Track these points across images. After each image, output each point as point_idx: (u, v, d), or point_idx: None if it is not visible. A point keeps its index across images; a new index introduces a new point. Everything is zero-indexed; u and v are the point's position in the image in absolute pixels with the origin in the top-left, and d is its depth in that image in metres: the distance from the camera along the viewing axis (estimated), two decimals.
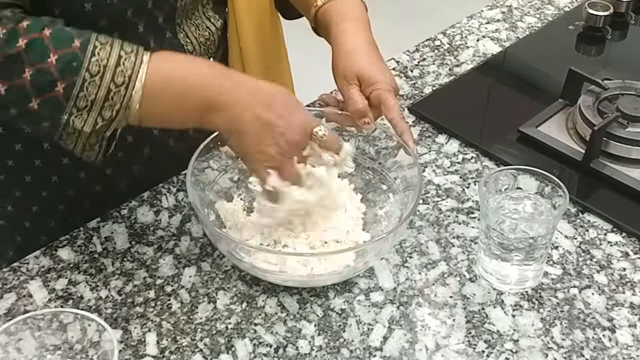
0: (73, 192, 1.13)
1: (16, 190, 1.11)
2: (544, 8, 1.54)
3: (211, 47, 1.16)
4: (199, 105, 0.92)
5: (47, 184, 1.11)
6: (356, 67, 1.07)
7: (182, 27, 1.10)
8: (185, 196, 1.11)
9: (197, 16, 1.13)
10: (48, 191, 1.12)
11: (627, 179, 1.14)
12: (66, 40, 0.87)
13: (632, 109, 1.20)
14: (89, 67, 0.87)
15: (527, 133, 1.21)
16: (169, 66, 0.92)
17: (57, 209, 1.13)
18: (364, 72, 1.06)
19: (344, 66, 1.07)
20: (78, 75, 0.87)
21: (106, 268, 1.02)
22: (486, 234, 0.98)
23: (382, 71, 1.07)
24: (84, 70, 0.87)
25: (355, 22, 1.10)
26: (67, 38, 0.88)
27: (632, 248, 1.06)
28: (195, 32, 1.12)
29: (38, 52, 0.86)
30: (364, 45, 1.08)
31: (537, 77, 1.39)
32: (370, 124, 1.06)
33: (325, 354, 0.93)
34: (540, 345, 0.94)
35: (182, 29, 1.10)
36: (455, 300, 0.99)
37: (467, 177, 1.16)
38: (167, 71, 0.92)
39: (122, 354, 0.92)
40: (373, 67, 1.07)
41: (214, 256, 1.03)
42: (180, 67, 0.94)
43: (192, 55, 0.98)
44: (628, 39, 1.48)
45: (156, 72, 0.90)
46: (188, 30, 1.11)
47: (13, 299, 0.98)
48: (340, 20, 1.10)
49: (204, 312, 0.97)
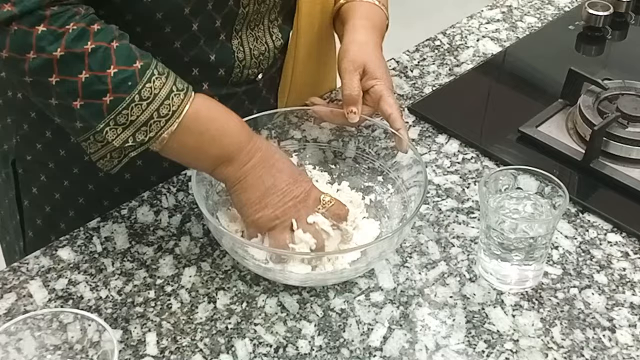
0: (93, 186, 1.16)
1: None
2: (544, 8, 1.54)
3: (264, 63, 1.15)
4: (217, 154, 0.96)
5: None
6: (366, 58, 1.09)
7: (240, 34, 1.10)
8: (185, 196, 1.11)
9: (260, 29, 1.13)
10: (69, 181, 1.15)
11: (627, 179, 1.14)
12: (130, 58, 0.91)
13: (632, 109, 1.20)
14: (142, 90, 0.91)
15: (527, 133, 1.21)
16: (207, 113, 0.95)
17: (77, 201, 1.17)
18: (372, 64, 1.09)
19: (354, 53, 1.10)
20: (129, 94, 0.90)
21: (106, 268, 1.02)
22: (486, 233, 0.98)
23: (387, 72, 1.11)
24: (136, 92, 0.90)
25: (373, 26, 1.14)
26: (131, 57, 0.91)
27: (632, 248, 1.06)
28: (253, 43, 1.12)
29: (101, 60, 0.89)
30: (376, 44, 1.12)
31: (537, 77, 1.39)
32: (357, 115, 1.07)
33: (325, 354, 0.93)
34: (540, 345, 0.94)
35: (239, 36, 1.10)
36: (455, 300, 0.99)
37: (467, 177, 1.16)
38: (205, 118, 0.95)
39: (122, 354, 0.92)
40: (381, 65, 1.10)
41: (214, 256, 1.03)
42: (216, 117, 0.97)
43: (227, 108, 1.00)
44: (628, 39, 1.48)
45: (196, 114, 0.94)
46: (245, 39, 1.11)
47: (13, 299, 0.98)
48: (360, 19, 1.14)
49: (204, 312, 0.97)
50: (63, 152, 1.13)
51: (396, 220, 1.05)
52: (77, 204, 1.17)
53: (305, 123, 1.14)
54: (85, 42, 0.88)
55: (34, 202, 1.19)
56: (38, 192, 1.17)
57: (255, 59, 1.14)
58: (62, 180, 1.15)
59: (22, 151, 1.16)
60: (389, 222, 1.06)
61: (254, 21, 1.11)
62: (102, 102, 0.89)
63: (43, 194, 1.17)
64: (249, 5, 1.08)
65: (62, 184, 1.15)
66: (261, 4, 1.09)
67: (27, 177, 1.17)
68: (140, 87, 0.90)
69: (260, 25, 1.13)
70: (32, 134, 1.14)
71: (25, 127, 1.14)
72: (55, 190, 1.16)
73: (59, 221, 1.18)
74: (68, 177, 1.15)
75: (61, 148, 1.13)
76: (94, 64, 0.89)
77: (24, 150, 1.16)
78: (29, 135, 1.14)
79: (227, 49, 1.10)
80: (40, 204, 1.18)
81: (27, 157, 1.16)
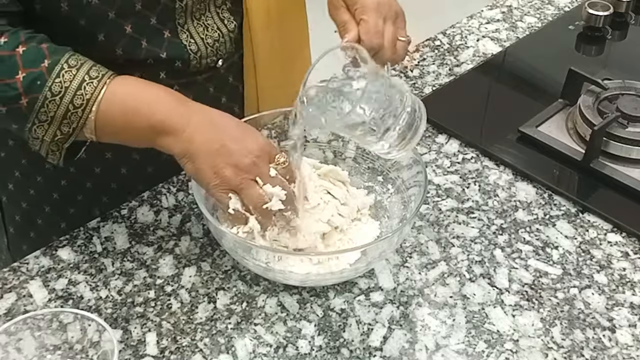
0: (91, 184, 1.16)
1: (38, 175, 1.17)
2: (544, 8, 1.54)
3: (221, 49, 1.12)
4: (147, 127, 0.95)
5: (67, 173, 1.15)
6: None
7: (186, 27, 1.08)
8: (185, 196, 1.11)
9: (207, 16, 1.11)
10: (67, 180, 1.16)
11: (627, 179, 1.14)
12: (36, 60, 0.93)
13: (632, 109, 1.20)
14: (52, 87, 0.93)
15: (527, 133, 1.21)
16: (124, 90, 0.96)
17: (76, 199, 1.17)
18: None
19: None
20: (41, 93, 0.93)
21: (106, 268, 1.02)
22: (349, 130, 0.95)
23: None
24: (47, 90, 0.93)
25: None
26: (38, 57, 0.93)
27: (632, 248, 1.06)
28: (203, 32, 1.10)
29: (7, 69, 0.93)
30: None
31: (537, 77, 1.39)
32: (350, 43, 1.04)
33: (325, 354, 0.93)
34: (540, 345, 0.94)
35: (186, 29, 1.08)
36: (455, 300, 0.99)
37: (467, 177, 1.16)
38: (122, 95, 0.95)
39: (122, 354, 0.92)
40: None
41: (214, 256, 1.03)
42: (136, 92, 0.97)
43: (150, 82, 0.99)
44: (628, 39, 1.48)
45: (112, 95, 0.94)
46: (194, 31, 1.09)
47: (13, 299, 0.98)
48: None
49: (204, 312, 0.97)
50: (40, 179, 1.15)
51: (396, 220, 1.05)
52: (51, 199, 1.17)
53: None
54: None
55: (11, 199, 1.21)
56: (14, 188, 1.19)
57: (211, 47, 1.11)
58: (35, 177, 1.16)
59: None
60: (389, 222, 1.06)
61: (198, 11, 1.09)
62: (19, 105, 0.93)
63: (19, 190, 1.19)
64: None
65: (35, 180, 1.17)
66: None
67: (2, 175, 1.19)
68: (50, 84, 0.93)
69: (207, 13, 1.10)
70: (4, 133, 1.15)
71: (2, 154, 1.16)
72: (30, 186, 1.18)
73: (36, 217, 1.19)
74: (41, 173, 1.16)
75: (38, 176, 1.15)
76: (2, 74, 0.93)
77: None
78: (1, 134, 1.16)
79: (176, 44, 1.08)
80: (17, 200, 1.20)
81: (1, 154, 1.18)
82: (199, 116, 0.95)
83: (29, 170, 1.16)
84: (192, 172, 0.95)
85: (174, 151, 0.94)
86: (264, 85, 1.20)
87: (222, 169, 0.93)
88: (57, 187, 1.16)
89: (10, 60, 0.93)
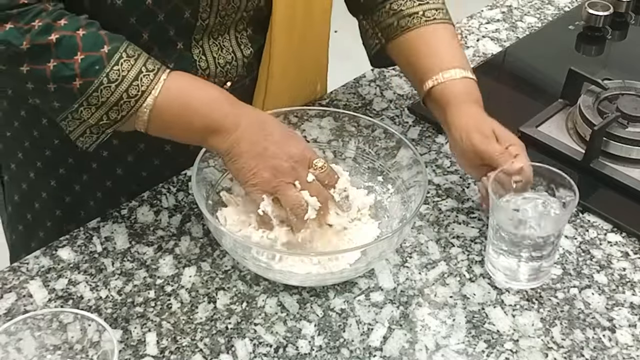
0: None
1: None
2: (544, 8, 1.54)
3: (231, 72, 1.12)
4: (203, 126, 0.98)
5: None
6: (492, 124, 1.05)
7: (201, 43, 1.09)
8: (185, 196, 1.11)
9: (225, 38, 1.11)
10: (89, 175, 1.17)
11: (627, 179, 1.14)
12: (96, 45, 0.94)
13: (632, 109, 1.20)
14: (109, 73, 0.94)
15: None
16: (180, 85, 0.98)
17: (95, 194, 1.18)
18: (501, 129, 1.05)
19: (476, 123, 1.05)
20: (97, 77, 0.94)
21: (106, 268, 1.02)
22: (495, 230, 0.97)
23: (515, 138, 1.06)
24: (104, 75, 0.94)
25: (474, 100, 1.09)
26: (98, 42, 0.95)
27: (632, 248, 1.06)
28: (217, 52, 1.10)
29: (66, 48, 0.93)
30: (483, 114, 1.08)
31: (537, 77, 1.39)
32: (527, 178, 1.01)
33: (325, 354, 0.93)
34: (540, 345, 0.94)
35: (200, 45, 1.09)
36: (455, 300, 0.99)
37: (467, 177, 1.16)
38: (177, 91, 0.97)
39: (122, 354, 0.92)
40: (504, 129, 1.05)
41: (214, 256, 1.03)
42: (192, 89, 0.99)
43: (204, 80, 1.01)
44: (628, 39, 1.48)
45: (167, 90, 0.96)
46: (207, 49, 1.09)
47: (13, 299, 0.98)
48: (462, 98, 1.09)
49: (204, 312, 0.97)
50: (48, 152, 1.15)
51: (396, 220, 1.05)
52: (49, 187, 1.18)
53: (305, 123, 1.14)
54: (49, 34, 0.93)
55: (12, 178, 1.22)
56: (16, 168, 1.20)
57: (222, 68, 1.11)
58: (35, 162, 1.17)
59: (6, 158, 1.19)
60: (389, 222, 1.06)
61: (217, 31, 1.09)
62: (72, 86, 0.94)
63: (21, 170, 1.20)
64: (209, 19, 1.06)
65: (35, 165, 1.17)
66: (224, 17, 1.08)
67: (11, 184, 1.20)
68: (108, 70, 0.94)
69: (226, 35, 1.11)
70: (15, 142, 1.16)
71: (8, 134, 1.17)
72: (31, 169, 1.18)
73: (33, 200, 1.20)
74: (54, 177, 1.17)
75: (47, 149, 1.15)
76: (61, 53, 0.93)
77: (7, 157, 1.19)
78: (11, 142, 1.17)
79: (186, 58, 1.08)
80: (18, 180, 1.20)
81: (10, 164, 1.19)
82: (249, 119, 0.99)
83: (31, 153, 1.17)
84: (233, 172, 0.99)
85: (221, 149, 0.98)
86: (270, 108, 1.20)
87: (261, 171, 0.96)
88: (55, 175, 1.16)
89: (70, 40, 0.93)
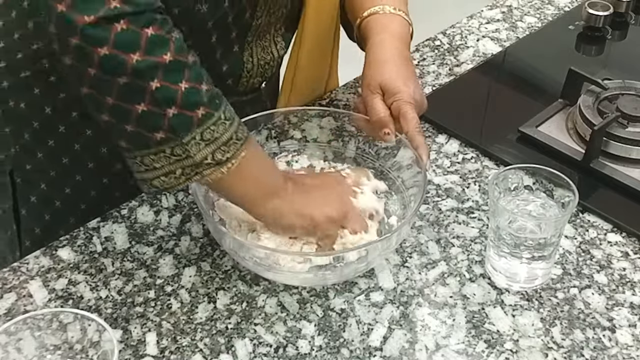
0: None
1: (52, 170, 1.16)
2: (544, 8, 1.54)
3: (267, 71, 1.16)
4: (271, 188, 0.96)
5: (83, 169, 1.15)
6: (381, 77, 1.06)
7: (251, 45, 1.11)
8: (185, 196, 1.11)
9: (266, 38, 1.14)
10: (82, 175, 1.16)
11: (627, 179, 1.14)
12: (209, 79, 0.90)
13: (632, 109, 1.20)
14: (225, 110, 0.90)
15: (527, 133, 1.21)
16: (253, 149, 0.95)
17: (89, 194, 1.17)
18: (388, 82, 1.05)
19: (371, 75, 1.06)
20: (218, 111, 0.89)
21: (106, 268, 1.02)
22: (495, 232, 0.97)
23: (407, 83, 1.05)
24: (222, 110, 0.89)
25: (393, 35, 1.10)
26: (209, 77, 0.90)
27: (632, 248, 1.06)
28: (260, 53, 1.13)
29: (198, 73, 0.88)
30: (395, 57, 1.07)
31: (537, 77, 1.39)
32: (391, 135, 1.04)
33: (325, 354, 0.93)
34: (540, 345, 0.94)
35: (250, 47, 1.11)
36: (455, 300, 0.99)
37: (467, 177, 1.16)
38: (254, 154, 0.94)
39: (122, 354, 0.92)
40: (398, 79, 1.05)
41: (214, 256, 1.03)
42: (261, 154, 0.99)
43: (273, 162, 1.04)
44: (628, 39, 1.48)
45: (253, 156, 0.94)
46: (254, 50, 1.12)
47: (13, 299, 0.98)
48: (380, 32, 1.10)
49: (204, 312, 0.97)
50: (65, 160, 1.14)
51: (396, 220, 1.05)
52: (78, 210, 1.17)
53: (305, 123, 1.14)
54: (188, 52, 0.87)
55: (31, 211, 1.18)
56: (37, 200, 1.17)
57: (261, 68, 1.15)
58: (63, 188, 1.16)
59: (22, 161, 1.16)
60: (389, 222, 1.06)
61: (263, 32, 1.12)
62: (194, 114, 0.87)
63: (42, 202, 1.17)
64: (261, 17, 1.09)
65: (63, 191, 1.16)
66: (272, 15, 1.10)
67: (25, 187, 1.17)
68: (225, 106, 0.90)
69: (267, 35, 1.14)
70: (33, 144, 1.14)
71: (26, 136, 1.14)
72: (56, 197, 1.16)
73: (58, 229, 1.18)
74: (69, 184, 1.16)
75: (64, 156, 1.14)
76: (194, 76, 0.87)
77: (23, 160, 1.16)
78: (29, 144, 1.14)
79: (238, 60, 1.11)
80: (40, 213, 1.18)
81: (26, 166, 1.16)
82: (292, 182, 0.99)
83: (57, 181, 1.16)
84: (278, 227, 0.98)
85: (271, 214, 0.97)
86: (294, 103, 1.22)
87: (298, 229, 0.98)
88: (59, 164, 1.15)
89: (198, 66, 0.88)
